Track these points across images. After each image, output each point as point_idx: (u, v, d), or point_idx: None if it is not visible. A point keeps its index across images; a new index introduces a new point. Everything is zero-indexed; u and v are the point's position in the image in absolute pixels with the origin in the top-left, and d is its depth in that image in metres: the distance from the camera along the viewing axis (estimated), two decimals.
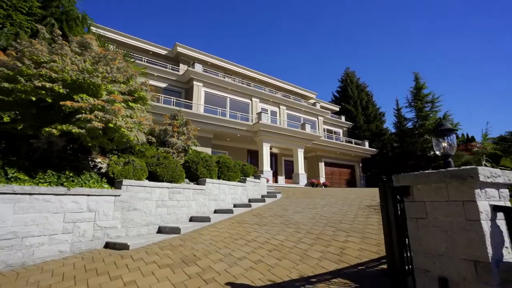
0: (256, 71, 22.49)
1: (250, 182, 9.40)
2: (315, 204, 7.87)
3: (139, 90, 4.92)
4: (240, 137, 17.54)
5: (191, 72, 16.75)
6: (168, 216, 5.96)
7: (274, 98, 20.88)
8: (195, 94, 16.84)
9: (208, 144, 16.06)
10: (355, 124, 29.69)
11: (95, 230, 4.48)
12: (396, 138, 29.14)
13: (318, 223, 5.69)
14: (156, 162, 6.46)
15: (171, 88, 17.37)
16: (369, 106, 31.46)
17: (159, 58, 18.50)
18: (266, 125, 16.76)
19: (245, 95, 19.51)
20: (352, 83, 33.13)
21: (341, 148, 22.70)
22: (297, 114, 22.67)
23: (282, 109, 21.55)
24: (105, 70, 4.23)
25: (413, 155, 25.95)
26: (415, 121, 26.86)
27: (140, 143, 6.85)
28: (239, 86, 18.89)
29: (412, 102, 27.30)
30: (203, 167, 7.70)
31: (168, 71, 17.08)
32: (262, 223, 6.04)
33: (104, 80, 4.22)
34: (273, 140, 17.66)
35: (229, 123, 16.04)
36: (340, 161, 24.13)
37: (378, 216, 5.78)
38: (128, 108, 4.75)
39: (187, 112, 14.60)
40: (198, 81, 17.12)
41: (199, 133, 15.67)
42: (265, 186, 10.58)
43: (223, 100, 18.44)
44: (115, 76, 4.39)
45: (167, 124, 8.05)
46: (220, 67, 20.68)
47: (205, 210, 7.09)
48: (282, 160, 21.65)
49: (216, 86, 18.02)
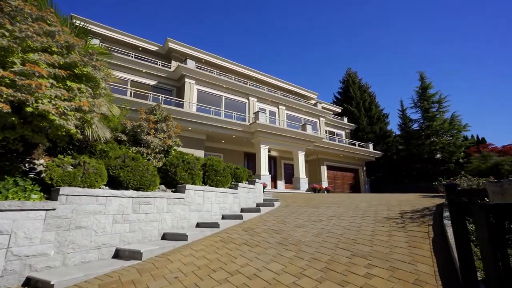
0: (253, 70, 21.27)
1: (243, 189, 8.04)
2: (320, 215, 6.51)
3: (81, 64, 3.59)
4: (236, 138, 16.22)
5: (183, 69, 15.50)
6: (131, 234, 4.60)
7: (272, 97, 19.61)
8: (187, 92, 15.57)
9: (200, 146, 14.73)
10: (358, 126, 28.39)
11: (8, 262, 3.12)
12: (401, 140, 27.80)
13: (326, 243, 4.32)
14: (120, 165, 5.12)
15: (161, 86, 16.10)
16: (372, 107, 30.20)
17: (149, 55, 17.29)
18: (263, 125, 15.45)
19: (241, 94, 18.24)
20: (354, 84, 31.93)
21: (344, 151, 21.35)
22: (297, 115, 21.37)
23: (282, 109, 20.26)
24: (19, 28, 2.94)
25: (419, 158, 24.59)
26: (421, 122, 25.57)
27: (104, 141, 5.53)
28: (235, 84, 17.64)
29: (417, 103, 26.04)
30: (184, 170, 6.36)
31: (158, 67, 15.84)
32: (253, 243, 4.68)
33: (16, 43, 2.93)
34: (272, 141, 16.33)
35: (223, 123, 14.74)
36: (343, 164, 22.76)
37: (404, 233, 4.42)
38: (65, 88, 3.42)
39: (177, 111, 13.32)
40: (190, 78, 15.86)
41: (191, 134, 14.37)
42: (261, 192, 9.22)
43: (218, 99, 17.16)
44: (39, 42, 3.09)
45: (143, 120, 6.73)
46: (215, 65, 19.46)
47: (184, 224, 5.73)
48: (281, 163, 20.29)
49: (210, 84, 16.76)
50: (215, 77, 16.76)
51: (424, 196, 8.94)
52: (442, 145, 23.29)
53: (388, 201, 8.10)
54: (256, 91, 18.71)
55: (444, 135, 23.84)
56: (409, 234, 4.38)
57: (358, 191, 23.38)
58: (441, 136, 23.94)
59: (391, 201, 8.02)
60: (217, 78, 16.85)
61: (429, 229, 4.49)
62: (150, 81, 15.71)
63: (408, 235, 4.34)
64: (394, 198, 9.06)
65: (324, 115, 23.20)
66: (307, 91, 24.98)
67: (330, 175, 21.66)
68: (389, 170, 26.97)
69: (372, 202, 8.08)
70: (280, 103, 20.18)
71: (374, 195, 11.16)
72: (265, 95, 19.22)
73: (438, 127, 23.54)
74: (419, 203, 7.08)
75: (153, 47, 17.50)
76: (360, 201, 8.36)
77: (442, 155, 23.67)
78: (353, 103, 30.22)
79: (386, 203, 7.60)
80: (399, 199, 8.27)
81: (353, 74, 33.07)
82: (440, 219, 4.85)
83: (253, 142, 16.40)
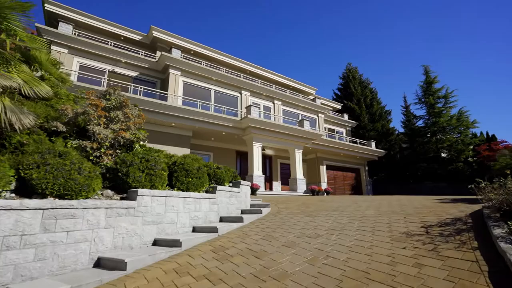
0: (246, 62, 19.80)
1: (224, 192, 6.58)
2: (317, 227, 5.05)
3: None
4: (227, 135, 14.77)
5: (166, 58, 14.04)
6: (38, 264, 3.14)
7: (267, 91, 18.15)
8: (171, 84, 14.10)
9: (185, 143, 13.26)
10: (359, 123, 26.94)
11: None
12: (405, 138, 26.36)
13: (323, 278, 2.87)
14: (38, 162, 3.67)
15: (144, 78, 14.64)
16: (374, 104, 28.75)
17: (132, 45, 15.81)
18: (256, 120, 13.99)
19: (233, 88, 16.79)
20: (355, 80, 30.48)
21: (344, 149, 19.89)
22: (295, 111, 19.91)
23: (277, 104, 18.80)
24: None
25: (425, 157, 23.15)
26: (427, 118, 24.13)
27: (26, 131, 4.08)
28: (226, 76, 16.18)
29: (422, 98, 24.61)
30: (140, 170, 4.89)
31: (140, 57, 14.38)
32: (217, 277, 3.21)
33: None
34: (266, 138, 14.87)
35: (211, 117, 13.27)
36: (344, 164, 21.30)
37: (438, 261, 2.97)
38: None
39: (158, 104, 11.87)
40: (175, 69, 14.40)
41: (174, 130, 12.94)
42: (248, 196, 7.75)
43: (207, 93, 15.70)
44: None
45: (90, 106, 5.25)
46: (205, 56, 18.00)
47: (134, 242, 4.27)
48: (278, 163, 18.84)
49: (198, 76, 15.30)
50: (204, 68, 15.30)
51: (442, 201, 7.48)
52: (449, 142, 21.85)
53: (401, 207, 6.64)
54: (249, 84, 17.25)
55: (452, 132, 22.40)
56: (447, 264, 2.92)
57: (360, 192, 21.93)
58: (448, 133, 22.50)
59: (405, 207, 6.56)
60: (206, 70, 15.39)
61: (476, 255, 3.03)
62: (130, 72, 14.24)
63: (446, 265, 2.89)
64: (407, 202, 7.61)
65: (323, 111, 21.74)
66: (305, 85, 23.53)
67: (330, 175, 20.20)
68: (392, 169, 25.53)
69: (381, 208, 6.62)
70: (276, 97, 18.72)
71: (380, 198, 9.72)
72: (259, 88, 17.76)
73: (445, 124, 22.10)
74: (442, 210, 5.62)
75: (137, 36, 16.03)
76: (366, 207, 6.90)
77: (449, 153, 22.24)
78: (353, 100, 28.78)
79: (400, 210, 6.15)
80: (414, 205, 6.81)
81: (353, 70, 31.62)
82: (489, 238, 3.40)
83: (245, 140, 14.95)
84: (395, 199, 9.17)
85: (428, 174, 22.41)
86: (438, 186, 21.19)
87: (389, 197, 10.31)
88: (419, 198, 9.03)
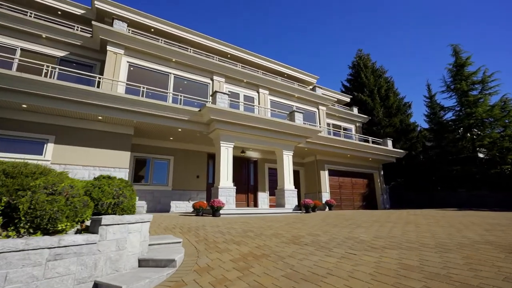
0: (227, 44, 15.98)
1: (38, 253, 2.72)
2: None
3: None
4: (188, 133, 11.00)
5: (102, 31, 10.47)
6: None
7: (250, 77, 14.25)
8: (109, 65, 10.52)
9: (123, 144, 9.58)
10: (372, 118, 22.46)
11: None
12: (430, 135, 21.61)
13: None
14: None
15: (75, 58, 11.15)
16: (390, 96, 24.17)
17: (74, 21, 12.42)
18: (223, 111, 10.11)
19: (202, 72, 13.02)
20: (367, 68, 26.00)
21: (353, 150, 15.61)
22: (287, 102, 15.87)
23: (263, 94, 14.84)
24: None
25: (457, 158, 18.39)
26: (458, 110, 19.33)
27: None
28: (191, 57, 12.44)
29: (451, 85, 19.84)
30: None
31: (69, 31, 10.90)
32: None
33: None
34: (240, 137, 10.97)
35: (158, 109, 9.50)
36: (352, 168, 16.97)
37: None
38: None
39: (77, 91, 8.29)
40: (117, 45, 10.82)
41: (105, 127, 9.34)
42: (136, 239, 3.83)
43: (164, 78, 12.02)
44: None
45: None
46: (172, 37, 14.38)
47: None
48: (265, 169, 14.85)
49: (151, 55, 11.65)
50: (159, 46, 11.63)
51: None
52: (490, 139, 17.01)
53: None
54: (223, 67, 13.42)
55: (493, 126, 17.53)
56: None
57: (373, 203, 17.49)
58: (488, 127, 17.65)
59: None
60: (162, 48, 11.71)
61: None
62: (55, 51, 10.78)
63: None
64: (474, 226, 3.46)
65: (326, 103, 17.53)
66: (303, 73, 19.42)
67: (334, 182, 15.95)
68: (414, 174, 20.82)
69: (460, 261, 2.54)
70: (261, 85, 14.76)
71: (428, 223, 5.49)
72: (238, 73, 13.88)
73: (484, 115, 17.28)
74: None
75: (78, 10, 12.62)
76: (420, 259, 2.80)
77: (489, 153, 17.38)
78: (365, 91, 24.32)
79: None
80: None
81: (365, 57, 27.13)
82: None
83: (212, 138, 11.12)
84: (444, 219, 4.97)
85: (463, 179, 17.64)
86: (477, 195, 16.45)
87: (430, 214, 6.06)
88: (476, 218, 4.76)
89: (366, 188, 17.62)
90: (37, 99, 7.89)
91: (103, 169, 9.13)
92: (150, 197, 11.14)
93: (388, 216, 9.17)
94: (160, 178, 11.64)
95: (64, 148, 8.72)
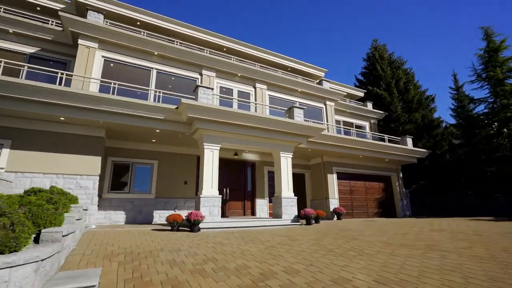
0: (221, 35, 14.62)
1: None
2: None
3: None
4: (169, 135, 9.72)
5: (74, 23, 9.44)
6: None
7: (245, 70, 12.77)
8: (81, 60, 9.47)
9: (95, 149, 8.44)
10: (389, 114, 20.19)
11: None
12: (457, 132, 19.04)
13: None
14: None
15: (46, 55, 10.20)
16: (410, 88, 21.73)
17: (55, 18, 11.57)
18: (204, 108, 8.70)
19: (190, 66, 11.72)
20: (383, 60, 23.67)
21: (366, 149, 13.67)
22: (289, 98, 14.22)
23: (261, 89, 13.30)
24: None
25: (492, 156, 15.83)
26: (492, 101, 16.70)
27: None
28: (176, 50, 11.18)
29: (482, 73, 17.22)
30: None
31: (41, 26, 9.97)
32: None
33: None
34: (226, 137, 9.52)
35: (130, 107, 8.25)
36: (365, 170, 15.00)
37: None
38: None
39: (37, 90, 7.22)
40: (90, 38, 9.75)
41: (71, 129, 8.26)
42: None
43: (145, 74, 10.83)
44: None
45: None
46: (161, 30, 13.22)
47: None
48: (264, 172, 13.29)
49: (129, 49, 10.50)
50: (138, 38, 10.46)
51: None
52: None
53: None
54: (214, 60, 12.04)
55: None
56: None
57: (392, 211, 15.39)
58: None
59: None
60: (142, 40, 10.53)
61: None
62: (24, 47, 9.88)
63: None
64: None
65: (334, 98, 15.68)
66: (309, 66, 17.65)
67: (344, 187, 14.08)
68: (439, 176, 18.35)
69: None
70: (258, 79, 13.23)
71: (456, 248, 3.79)
72: (231, 66, 12.45)
73: None
74: None
75: (57, 4, 11.76)
76: None
77: None
78: (381, 84, 22.05)
79: None
80: None
81: (381, 48, 24.76)
82: None
83: (196, 139, 9.76)
84: (480, 240, 3.25)
85: (498, 182, 15.10)
86: None
87: (459, 230, 4.30)
88: None
89: (382, 192, 15.55)
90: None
91: (68, 177, 8.02)
92: (130, 206, 9.96)
93: (405, 233, 7.32)
94: (142, 185, 10.44)
95: (22, 154, 7.69)
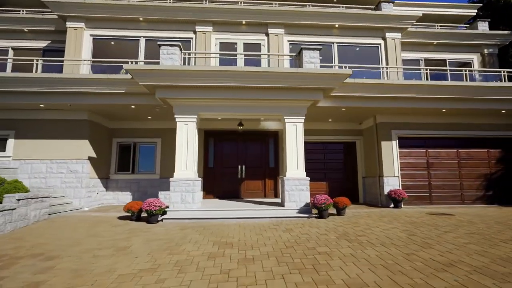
0: None
1: None
2: None
3: None
4: (148, 111, 8.60)
5: (58, 6, 9.26)
6: None
7: (252, 14, 9.82)
8: (70, 43, 9.36)
9: (79, 132, 8.35)
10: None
11: None
12: None
13: None
14: None
15: (56, 46, 10.61)
16: None
17: None
18: (159, 71, 6.87)
19: (180, 26, 9.89)
20: None
21: (454, 98, 8.38)
22: (320, 40, 10.25)
23: (276, 35, 10.01)
24: None
25: None
26: None
27: None
28: (158, 8, 9.56)
29: None
30: None
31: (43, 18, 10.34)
32: None
33: None
34: (204, 105, 7.48)
35: (87, 84, 7.43)
36: (459, 131, 9.52)
37: None
38: None
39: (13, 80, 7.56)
40: (76, 19, 9.43)
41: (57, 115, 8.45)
42: None
43: (133, 45, 9.84)
44: None
45: None
46: None
47: None
48: None
49: (115, 21, 9.64)
50: (120, 5, 9.42)
51: None
52: None
53: None
54: (209, 10, 9.71)
55: None
56: None
57: (508, 197, 9.44)
58: None
59: None
60: (124, 7, 9.45)
61: None
62: (38, 43, 10.60)
63: None
64: None
65: (401, 25, 10.35)
66: None
67: (412, 160, 9.40)
68: None
69: None
70: (272, 22, 9.95)
71: None
72: (233, 13, 9.76)
73: None
74: None
75: None
76: None
77: None
78: None
79: None
80: None
81: None
82: None
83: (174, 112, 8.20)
84: None
85: None
86: None
87: None
88: None
89: (495, 165, 9.67)
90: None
91: (59, 161, 8.27)
92: (136, 187, 9.76)
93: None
94: (147, 166, 10.01)
95: (24, 142, 8.35)
